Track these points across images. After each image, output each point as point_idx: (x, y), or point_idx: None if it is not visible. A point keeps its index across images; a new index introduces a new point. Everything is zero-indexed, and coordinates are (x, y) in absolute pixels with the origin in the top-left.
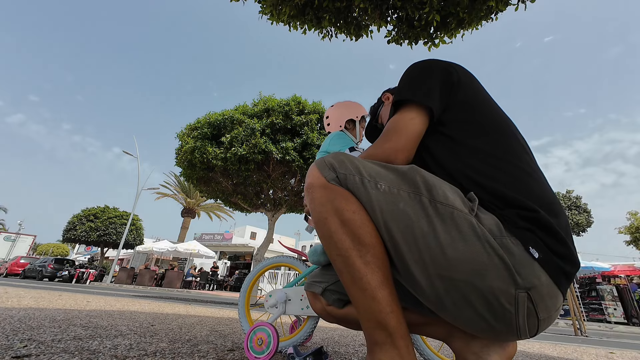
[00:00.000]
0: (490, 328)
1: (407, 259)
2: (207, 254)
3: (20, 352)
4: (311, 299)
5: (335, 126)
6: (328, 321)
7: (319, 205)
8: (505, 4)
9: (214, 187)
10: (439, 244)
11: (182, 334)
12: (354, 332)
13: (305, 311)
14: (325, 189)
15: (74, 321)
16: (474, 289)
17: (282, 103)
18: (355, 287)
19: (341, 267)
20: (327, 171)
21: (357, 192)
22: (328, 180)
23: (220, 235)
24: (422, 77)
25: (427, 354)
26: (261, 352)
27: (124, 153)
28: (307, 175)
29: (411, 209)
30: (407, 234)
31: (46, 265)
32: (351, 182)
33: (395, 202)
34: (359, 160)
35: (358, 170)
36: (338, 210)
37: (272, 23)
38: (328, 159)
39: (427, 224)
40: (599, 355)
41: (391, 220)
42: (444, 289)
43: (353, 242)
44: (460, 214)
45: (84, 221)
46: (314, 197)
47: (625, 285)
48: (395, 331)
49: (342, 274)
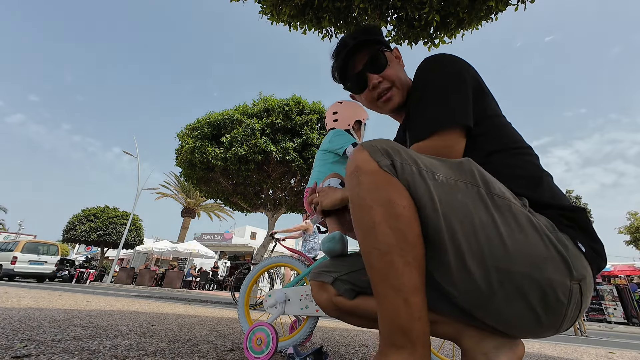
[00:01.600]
0: (536, 322)
1: (464, 251)
2: (207, 254)
3: (20, 352)
4: (316, 290)
5: (343, 123)
6: (330, 314)
7: (365, 191)
8: (505, 4)
9: (214, 187)
10: (499, 236)
11: (182, 334)
12: (354, 332)
13: (305, 311)
14: (376, 175)
15: (74, 321)
16: (531, 281)
17: (282, 103)
18: (387, 286)
19: (376, 262)
20: (381, 156)
21: (414, 183)
22: (381, 167)
23: (220, 235)
24: (454, 87)
25: None
26: (260, 352)
27: (124, 153)
28: (354, 158)
29: (470, 200)
30: (467, 225)
31: None
32: (408, 172)
33: (454, 193)
34: (411, 150)
35: (414, 160)
36: (388, 202)
37: (272, 23)
38: (380, 144)
39: (486, 215)
40: (599, 355)
41: (451, 211)
42: (499, 281)
43: (397, 239)
44: (517, 206)
45: (84, 221)
46: (361, 181)
47: (625, 285)
48: (418, 339)
49: (374, 269)
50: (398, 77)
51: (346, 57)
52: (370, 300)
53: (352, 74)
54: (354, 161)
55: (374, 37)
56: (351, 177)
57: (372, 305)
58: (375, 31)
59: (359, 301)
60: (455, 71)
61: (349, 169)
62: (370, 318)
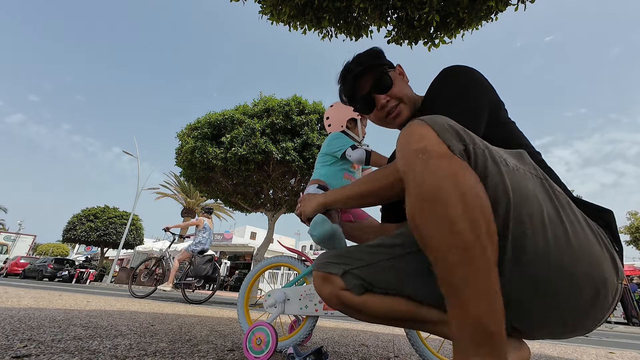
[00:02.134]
0: (575, 322)
1: (527, 247)
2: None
3: (20, 352)
4: (320, 281)
5: (336, 126)
6: (334, 307)
7: (439, 179)
8: (505, 4)
9: (214, 187)
10: (565, 233)
11: (182, 334)
12: (354, 332)
13: (304, 311)
14: (449, 161)
15: (74, 321)
16: (589, 281)
17: (282, 103)
18: (470, 288)
19: (456, 262)
20: (451, 138)
21: (489, 171)
22: (454, 152)
23: (220, 235)
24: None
25: (426, 354)
26: (260, 352)
27: (124, 153)
28: (415, 133)
29: (539, 191)
30: (536, 219)
31: (46, 265)
32: (481, 159)
33: (525, 181)
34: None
35: (485, 145)
36: (468, 193)
37: (272, 23)
38: (448, 122)
39: (553, 210)
40: (599, 355)
41: (522, 202)
42: (554, 280)
43: (479, 235)
44: (572, 204)
45: (84, 221)
46: (432, 167)
47: (626, 285)
48: (501, 341)
49: (453, 270)
50: (404, 93)
51: (352, 81)
52: (379, 299)
53: (360, 96)
54: (417, 139)
55: (376, 61)
56: (415, 159)
57: (382, 304)
58: (377, 54)
59: (367, 298)
60: (468, 82)
61: (409, 146)
62: (377, 316)
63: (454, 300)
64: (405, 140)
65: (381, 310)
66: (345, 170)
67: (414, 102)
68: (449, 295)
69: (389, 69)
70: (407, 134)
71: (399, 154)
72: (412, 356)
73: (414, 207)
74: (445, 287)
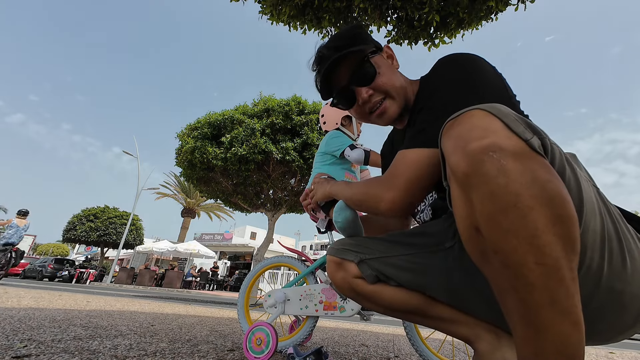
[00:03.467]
0: (604, 338)
1: (585, 264)
2: (207, 254)
3: (20, 352)
4: (333, 267)
5: (331, 124)
6: (344, 293)
7: (518, 184)
8: (505, 4)
9: (214, 187)
10: (621, 251)
11: (182, 334)
12: (354, 332)
13: (304, 311)
14: (530, 161)
15: (74, 321)
16: (636, 301)
17: (282, 103)
18: (555, 309)
19: (538, 279)
20: (525, 130)
21: (567, 174)
22: (532, 147)
23: (220, 235)
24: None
25: (426, 354)
26: (260, 352)
27: (124, 153)
28: (476, 129)
29: (598, 202)
30: (597, 234)
31: (46, 266)
32: (559, 157)
33: (589, 192)
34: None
35: (551, 140)
36: (556, 200)
37: (272, 23)
38: (510, 110)
39: (612, 224)
40: (599, 355)
41: (591, 214)
42: (604, 300)
43: (566, 249)
44: (623, 217)
45: (84, 221)
46: (508, 168)
47: None
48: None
49: (534, 289)
50: (391, 84)
51: (326, 71)
52: (392, 291)
53: (337, 89)
54: (481, 133)
55: (357, 44)
56: (484, 158)
57: (394, 296)
58: (357, 35)
59: (379, 288)
60: (473, 70)
61: (471, 143)
62: (388, 307)
63: (531, 322)
64: (462, 136)
65: (393, 301)
66: (346, 169)
67: (405, 95)
68: (526, 316)
69: (372, 53)
70: (463, 127)
71: (453, 152)
72: (412, 356)
73: (486, 218)
74: (520, 307)
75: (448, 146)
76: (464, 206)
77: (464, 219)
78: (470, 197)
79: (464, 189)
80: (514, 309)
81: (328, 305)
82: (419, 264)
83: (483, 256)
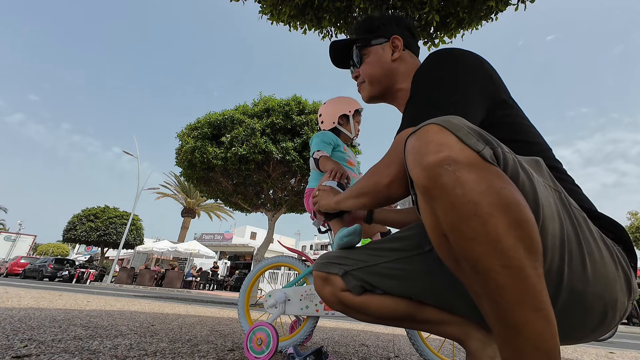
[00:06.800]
0: (575, 337)
1: (545, 266)
2: (207, 254)
3: (20, 352)
4: (320, 282)
5: (328, 123)
6: (333, 308)
7: (475, 194)
8: (505, 4)
9: (214, 187)
10: (581, 254)
11: (182, 334)
12: (354, 332)
13: (305, 311)
14: (483, 171)
15: (74, 321)
16: (599, 301)
17: (282, 103)
18: (526, 308)
19: (507, 282)
20: (477, 142)
21: (521, 180)
22: (484, 158)
23: (221, 235)
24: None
25: (426, 353)
26: (261, 352)
27: (124, 153)
28: (431, 144)
29: (560, 207)
30: (556, 237)
31: (46, 265)
32: (512, 164)
33: (547, 196)
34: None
35: (509, 149)
36: (512, 205)
37: (272, 23)
38: (463, 121)
39: (572, 228)
40: (599, 355)
41: (549, 218)
42: (566, 301)
43: (527, 250)
44: (589, 220)
45: (84, 221)
46: (464, 180)
47: None
48: (558, 357)
49: (504, 291)
50: (369, 74)
51: (340, 48)
52: (380, 300)
53: (346, 61)
54: (436, 147)
55: (360, 34)
56: (440, 172)
57: (382, 304)
58: (368, 26)
59: (366, 298)
60: (459, 67)
61: (427, 157)
62: (377, 316)
63: (507, 322)
64: (419, 151)
65: (382, 310)
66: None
67: (387, 83)
68: (501, 317)
69: (374, 42)
70: (420, 142)
71: (413, 166)
72: (412, 356)
73: (451, 228)
74: (495, 309)
75: (409, 160)
76: (430, 216)
77: (432, 228)
78: (433, 207)
79: (427, 200)
80: (490, 311)
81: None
82: (401, 270)
83: (455, 262)
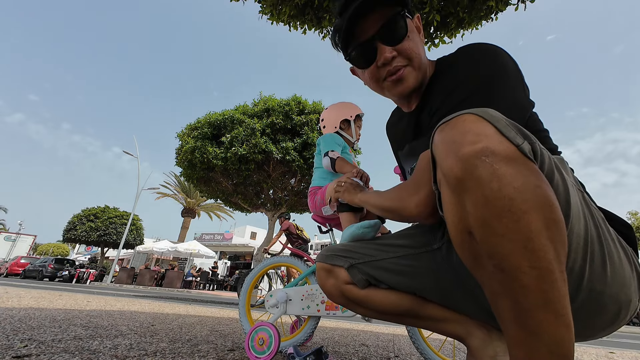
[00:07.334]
0: (593, 333)
1: (568, 267)
2: (207, 254)
3: (20, 351)
4: (323, 274)
5: (330, 128)
6: (335, 301)
7: (512, 189)
8: (505, 4)
9: (214, 187)
10: (602, 255)
11: (183, 334)
12: (354, 332)
13: (306, 311)
14: (521, 166)
15: (74, 321)
16: (615, 302)
17: (282, 103)
18: (548, 311)
19: (533, 283)
20: (516, 135)
21: (555, 179)
22: (523, 152)
23: (221, 235)
24: (501, 80)
25: (427, 353)
26: (262, 352)
27: (124, 153)
28: (468, 134)
29: (582, 207)
30: (581, 237)
31: (46, 265)
32: (548, 162)
33: (574, 196)
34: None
35: (541, 146)
36: (546, 204)
37: (272, 23)
38: (501, 115)
39: (594, 227)
40: (599, 355)
41: (576, 218)
42: (584, 301)
43: (557, 253)
44: (606, 221)
45: (84, 221)
46: (501, 173)
47: None
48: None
49: (528, 291)
50: (417, 53)
51: (354, 15)
52: (383, 294)
53: (359, 41)
54: (473, 137)
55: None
56: (476, 163)
57: (385, 299)
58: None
59: (370, 292)
60: (506, 66)
61: (463, 147)
62: (380, 310)
63: (525, 324)
64: (455, 140)
65: (385, 304)
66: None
67: (424, 71)
68: (520, 319)
69: (407, 14)
70: (455, 132)
71: (445, 157)
72: (412, 356)
73: (481, 223)
74: (514, 309)
75: (440, 150)
76: (456, 211)
77: (457, 224)
78: (463, 201)
79: (457, 194)
80: (507, 311)
81: (330, 305)
82: (408, 266)
83: (476, 260)
